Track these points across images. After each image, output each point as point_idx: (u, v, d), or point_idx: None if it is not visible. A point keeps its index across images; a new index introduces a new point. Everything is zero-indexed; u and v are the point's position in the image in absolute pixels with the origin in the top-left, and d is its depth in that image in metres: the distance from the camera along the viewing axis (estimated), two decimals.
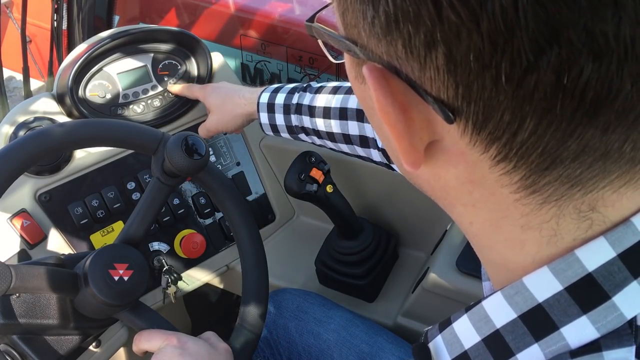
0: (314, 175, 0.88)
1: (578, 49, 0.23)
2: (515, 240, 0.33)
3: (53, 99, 0.95)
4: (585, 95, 0.24)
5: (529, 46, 0.24)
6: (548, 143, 0.27)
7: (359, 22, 0.28)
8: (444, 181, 0.33)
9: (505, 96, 0.25)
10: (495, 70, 0.25)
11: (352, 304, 0.99)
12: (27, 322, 0.68)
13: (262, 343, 0.95)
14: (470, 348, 0.35)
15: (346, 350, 0.87)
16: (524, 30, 0.23)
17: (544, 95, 0.25)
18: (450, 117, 0.28)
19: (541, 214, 0.30)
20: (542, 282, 0.31)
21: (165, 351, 0.67)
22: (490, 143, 0.28)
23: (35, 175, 0.89)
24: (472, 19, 0.24)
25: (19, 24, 1.42)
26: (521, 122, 0.26)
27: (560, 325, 0.31)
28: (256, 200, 1.09)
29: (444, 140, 0.30)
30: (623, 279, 0.30)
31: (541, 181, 0.29)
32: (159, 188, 0.73)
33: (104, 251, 0.70)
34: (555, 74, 0.24)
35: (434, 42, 0.25)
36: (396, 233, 1.05)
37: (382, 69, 0.29)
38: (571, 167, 0.28)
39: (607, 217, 0.30)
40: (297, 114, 0.83)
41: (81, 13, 1.35)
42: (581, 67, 0.24)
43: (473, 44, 0.24)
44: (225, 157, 1.07)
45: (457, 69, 0.26)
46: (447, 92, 0.27)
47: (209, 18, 1.24)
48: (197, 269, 1.02)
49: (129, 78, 0.99)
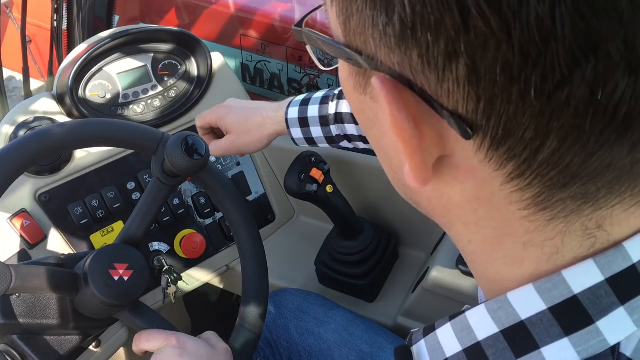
0: (314, 175, 0.88)
1: (616, 63, 0.22)
2: (516, 258, 0.32)
3: (53, 99, 0.95)
4: (618, 111, 0.23)
5: (564, 58, 0.22)
6: (571, 161, 0.25)
7: (366, 30, 0.26)
8: (447, 198, 0.32)
9: (532, 112, 0.24)
10: (524, 84, 0.23)
11: (352, 304, 0.99)
12: (27, 322, 0.68)
13: (262, 343, 0.95)
14: (452, 356, 0.35)
15: (346, 351, 0.87)
16: (561, 41, 0.22)
17: (574, 111, 0.24)
18: (469, 132, 0.26)
19: (547, 231, 0.29)
20: (527, 300, 0.31)
21: (165, 351, 0.67)
22: (508, 160, 0.27)
23: (35, 175, 0.89)
24: (504, 29, 0.22)
25: (19, 24, 1.42)
26: (544, 139, 0.25)
27: (541, 345, 0.30)
28: (256, 200, 1.09)
29: (455, 155, 0.29)
30: (610, 304, 0.29)
31: (554, 198, 0.28)
32: (159, 188, 0.73)
33: (104, 251, 0.70)
34: (589, 89, 0.23)
35: (455, 53, 0.24)
36: (396, 233, 1.05)
37: (392, 80, 0.27)
38: (589, 184, 0.27)
39: (612, 236, 0.29)
40: (339, 123, 0.80)
41: (81, 13, 1.35)
42: (617, 81, 0.22)
43: (501, 56, 0.23)
44: (225, 157, 1.07)
45: (480, 81, 0.24)
46: (466, 106, 0.25)
47: (209, 18, 1.24)
48: (197, 269, 1.02)
49: (129, 78, 0.99)
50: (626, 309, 0.29)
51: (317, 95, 0.82)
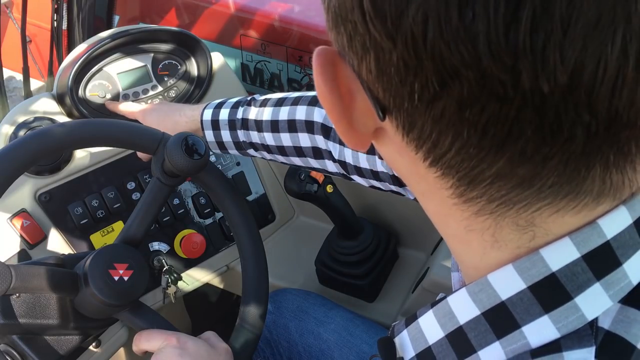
0: (314, 175, 0.88)
1: (478, 90, 0.24)
2: (462, 238, 0.33)
3: (53, 99, 0.95)
4: (487, 131, 0.25)
5: (435, 77, 0.24)
6: (463, 162, 0.27)
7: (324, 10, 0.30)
8: (398, 166, 0.34)
9: (420, 113, 0.26)
10: (410, 88, 0.26)
11: (352, 304, 0.99)
12: (27, 322, 0.68)
13: (262, 343, 0.95)
14: (434, 344, 0.35)
15: (346, 350, 0.87)
16: (430, 60, 0.24)
17: (450, 121, 0.25)
18: (380, 115, 0.29)
19: (479, 221, 0.31)
20: (506, 280, 0.31)
21: (164, 351, 0.67)
22: (418, 147, 0.29)
23: (35, 175, 0.89)
24: (390, 39, 0.25)
25: (19, 24, 1.42)
26: (438, 138, 0.27)
27: (522, 324, 0.31)
28: (256, 200, 1.09)
29: (387, 130, 0.31)
30: (586, 280, 0.30)
31: (469, 194, 0.29)
32: (159, 188, 0.73)
33: (104, 251, 0.70)
34: (458, 106, 0.25)
35: (367, 48, 0.26)
36: (396, 233, 1.05)
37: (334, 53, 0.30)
38: (492, 188, 0.28)
39: (550, 231, 0.30)
40: (244, 129, 0.79)
41: (81, 13, 1.35)
42: (482, 105, 0.24)
43: (392, 60, 0.25)
44: (225, 157, 1.07)
45: (383, 77, 0.27)
46: (378, 93, 0.28)
47: (209, 18, 1.23)
48: (197, 269, 1.02)
49: (129, 78, 0.99)
50: (602, 285, 0.30)
51: (231, 100, 0.83)
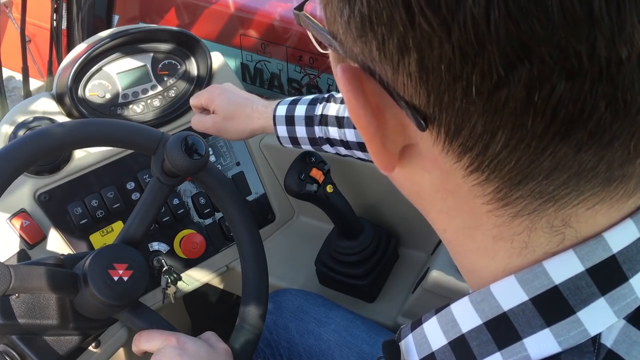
0: (314, 175, 0.88)
1: (550, 67, 0.22)
2: (488, 250, 0.32)
3: (52, 98, 0.94)
4: (557, 114, 0.24)
5: (500, 60, 0.23)
6: (520, 158, 0.26)
7: (337, 19, 0.28)
8: (419, 186, 0.33)
9: (476, 108, 0.25)
10: (466, 82, 0.24)
11: (352, 304, 0.99)
12: (27, 322, 0.68)
13: (262, 343, 0.95)
14: (438, 350, 0.35)
15: (347, 351, 0.87)
16: (495, 44, 0.22)
17: (514, 110, 0.24)
18: (422, 124, 0.27)
19: (513, 226, 0.30)
20: (509, 291, 0.31)
21: (164, 351, 0.67)
22: (463, 153, 0.27)
23: (35, 175, 0.89)
24: (444, 29, 0.23)
25: (18, 24, 1.42)
26: (493, 135, 0.26)
27: (523, 336, 0.30)
28: (256, 200, 1.09)
29: (418, 145, 0.30)
30: (590, 294, 0.29)
31: (513, 195, 0.28)
32: (158, 188, 0.73)
33: (104, 251, 0.70)
34: (526, 90, 0.23)
35: (406, 48, 0.25)
36: (396, 233, 1.05)
37: (357, 69, 0.28)
38: (544, 183, 0.27)
39: (580, 233, 0.29)
40: (322, 125, 0.80)
41: (81, 13, 1.35)
42: (553, 85, 0.23)
43: (444, 54, 0.24)
44: (225, 157, 1.07)
45: (428, 77, 0.25)
46: (419, 98, 0.26)
47: (208, 18, 1.23)
48: (196, 269, 1.02)
49: (128, 78, 0.99)
50: (607, 300, 0.29)
51: (306, 97, 0.83)
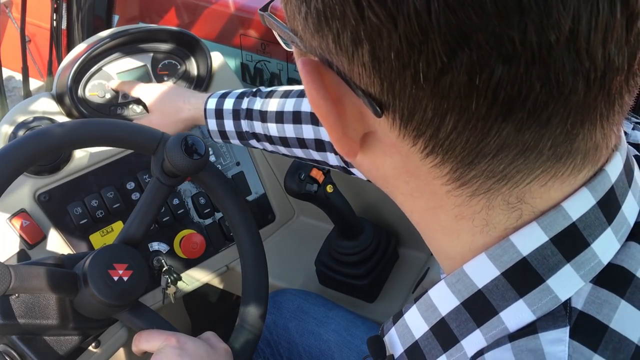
0: (314, 175, 0.88)
1: (487, 52, 0.24)
2: (452, 229, 0.33)
3: (52, 98, 0.94)
4: (497, 95, 0.26)
5: (442, 48, 0.25)
6: (468, 139, 0.28)
7: (296, 17, 0.29)
8: (383, 171, 0.34)
9: (425, 94, 0.27)
10: (413, 69, 0.26)
11: (352, 304, 0.99)
12: (27, 322, 0.68)
13: (262, 343, 0.95)
14: (420, 338, 0.36)
15: (347, 351, 0.87)
16: (437, 33, 0.24)
17: (459, 94, 0.26)
18: (378, 111, 0.29)
19: (472, 205, 0.31)
20: (481, 268, 0.32)
21: (164, 351, 0.66)
22: (417, 137, 0.29)
23: (35, 175, 0.89)
24: (390, 20, 0.25)
25: (18, 24, 1.42)
26: (442, 119, 0.27)
27: (499, 310, 0.32)
28: (256, 200, 1.09)
29: (377, 132, 0.31)
30: (556, 262, 0.30)
31: (468, 175, 0.30)
32: (158, 188, 0.73)
33: (104, 251, 0.70)
34: (468, 75, 0.25)
35: (359, 40, 0.26)
36: (396, 233, 1.05)
37: (316, 62, 0.30)
38: (493, 162, 0.29)
39: (536, 207, 0.31)
40: (248, 119, 0.80)
41: (80, 12, 1.35)
42: (491, 69, 0.25)
43: (393, 44, 0.25)
44: (225, 157, 1.07)
45: (380, 66, 0.27)
46: (374, 87, 0.28)
47: (208, 18, 1.23)
48: (196, 269, 1.02)
49: (128, 77, 0.99)
50: (572, 265, 0.30)
51: (236, 90, 0.84)
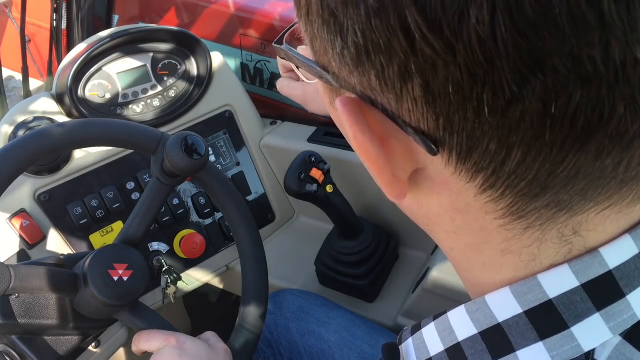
0: (314, 175, 0.88)
1: (565, 76, 0.22)
2: (494, 264, 0.32)
3: (52, 98, 0.94)
4: (576, 122, 0.23)
5: (511, 76, 0.22)
6: (538, 171, 0.25)
7: (328, 52, 0.27)
8: (427, 208, 0.32)
9: (490, 127, 0.24)
10: (477, 102, 0.23)
11: (352, 304, 0.99)
12: (27, 322, 0.68)
13: (262, 344, 0.95)
14: (435, 356, 0.35)
15: (347, 351, 0.87)
16: (505, 60, 0.22)
17: (531, 124, 0.23)
18: (433, 149, 0.26)
19: (524, 239, 0.30)
20: (503, 302, 0.31)
21: (164, 352, 0.66)
22: (477, 173, 0.27)
23: (35, 175, 0.89)
24: (448, 51, 0.22)
25: (18, 24, 1.42)
26: (508, 152, 0.25)
27: (517, 348, 0.30)
28: (256, 200, 1.09)
29: (428, 169, 0.29)
30: (585, 309, 0.29)
31: (528, 207, 0.28)
32: (158, 188, 0.73)
33: (104, 251, 0.70)
34: (542, 103, 0.23)
35: (409, 74, 0.24)
36: (396, 233, 1.05)
37: (357, 101, 0.28)
38: (561, 192, 0.26)
39: (588, 242, 0.29)
40: None
41: (81, 12, 1.35)
42: (569, 94, 0.22)
43: (451, 76, 0.23)
44: (225, 157, 1.07)
45: (435, 100, 0.24)
46: (427, 123, 0.26)
47: (208, 18, 1.23)
48: (196, 269, 1.02)
49: (128, 78, 0.99)
50: (602, 316, 0.29)
51: None
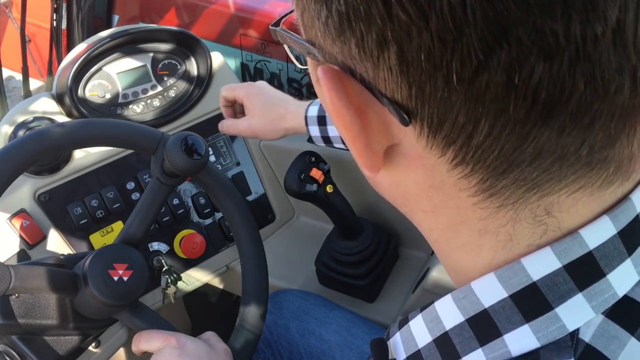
0: (314, 175, 0.88)
1: (528, 48, 0.23)
2: (473, 245, 0.32)
3: (52, 98, 0.94)
4: (538, 96, 0.24)
5: (479, 45, 0.23)
6: (504, 146, 0.26)
7: (314, 23, 0.28)
8: (404, 187, 0.33)
9: (458, 97, 0.25)
10: (446, 70, 0.24)
11: (352, 304, 0.99)
12: (27, 322, 0.68)
13: (262, 344, 0.95)
14: (423, 347, 0.35)
15: (347, 351, 0.87)
16: (473, 28, 0.23)
17: (495, 95, 0.24)
18: (405, 119, 0.27)
19: (498, 217, 0.30)
20: (488, 287, 0.31)
21: (164, 352, 0.66)
22: (447, 146, 0.28)
23: (35, 175, 0.89)
24: (421, 17, 0.23)
25: (18, 24, 1.42)
26: (476, 124, 0.26)
27: (504, 332, 0.31)
28: (256, 200, 1.09)
29: (402, 143, 0.30)
30: (568, 290, 0.29)
31: (498, 184, 0.28)
32: (158, 188, 0.73)
33: (104, 251, 0.70)
34: (506, 74, 0.23)
35: (385, 41, 0.25)
36: (396, 233, 1.05)
37: (337, 71, 0.29)
38: (528, 170, 0.27)
39: (562, 224, 0.30)
40: None
41: (81, 12, 1.35)
42: (532, 66, 0.23)
43: (423, 43, 0.24)
44: (225, 157, 1.07)
45: (409, 68, 0.25)
46: (400, 92, 0.26)
47: (208, 18, 1.23)
48: (196, 269, 1.02)
49: (128, 78, 0.99)
50: (584, 295, 0.29)
51: None
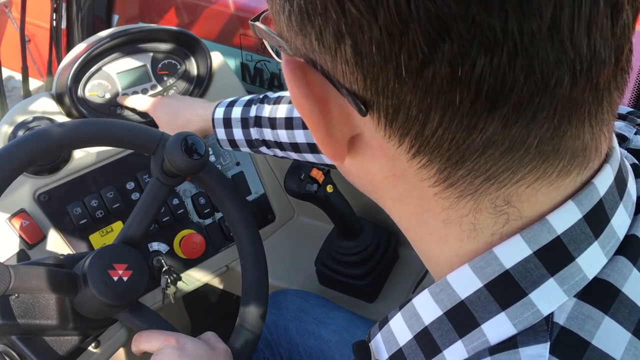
0: (314, 175, 0.88)
1: (469, 42, 0.24)
2: (439, 234, 0.33)
3: (52, 98, 0.94)
4: (481, 88, 0.25)
5: (423, 39, 0.24)
6: (454, 136, 0.27)
7: (280, 17, 0.29)
8: (371, 176, 0.34)
9: (409, 88, 0.26)
10: (395, 62, 0.25)
11: (352, 304, 0.99)
12: (26, 322, 0.68)
13: (262, 344, 0.94)
14: (405, 345, 0.36)
15: (347, 351, 0.87)
16: (417, 23, 0.24)
17: (442, 87, 0.25)
18: (363, 109, 0.28)
19: (459, 207, 0.31)
20: (464, 279, 0.32)
21: (164, 352, 0.66)
22: (403, 136, 0.29)
23: (34, 175, 0.89)
24: (370, 12, 0.24)
25: (18, 24, 1.41)
26: (427, 115, 0.27)
27: (481, 322, 0.31)
28: (256, 200, 1.09)
29: (364, 133, 0.31)
30: (540, 276, 0.30)
31: (455, 174, 0.29)
32: (158, 188, 0.73)
33: (103, 251, 0.70)
34: (450, 67, 0.24)
35: (341, 35, 0.26)
36: (396, 233, 1.05)
37: (301, 62, 0.30)
38: (480, 161, 0.28)
39: (523, 213, 0.30)
40: (257, 127, 0.79)
41: (80, 12, 1.35)
42: (474, 60, 0.24)
43: (374, 37, 0.25)
44: (225, 157, 1.07)
45: (363, 61, 0.26)
46: (357, 84, 0.27)
47: (208, 17, 1.23)
48: (196, 269, 1.02)
49: (128, 78, 0.99)
50: (556, 280, 0.30)
51: (243, 98, 0.83)
